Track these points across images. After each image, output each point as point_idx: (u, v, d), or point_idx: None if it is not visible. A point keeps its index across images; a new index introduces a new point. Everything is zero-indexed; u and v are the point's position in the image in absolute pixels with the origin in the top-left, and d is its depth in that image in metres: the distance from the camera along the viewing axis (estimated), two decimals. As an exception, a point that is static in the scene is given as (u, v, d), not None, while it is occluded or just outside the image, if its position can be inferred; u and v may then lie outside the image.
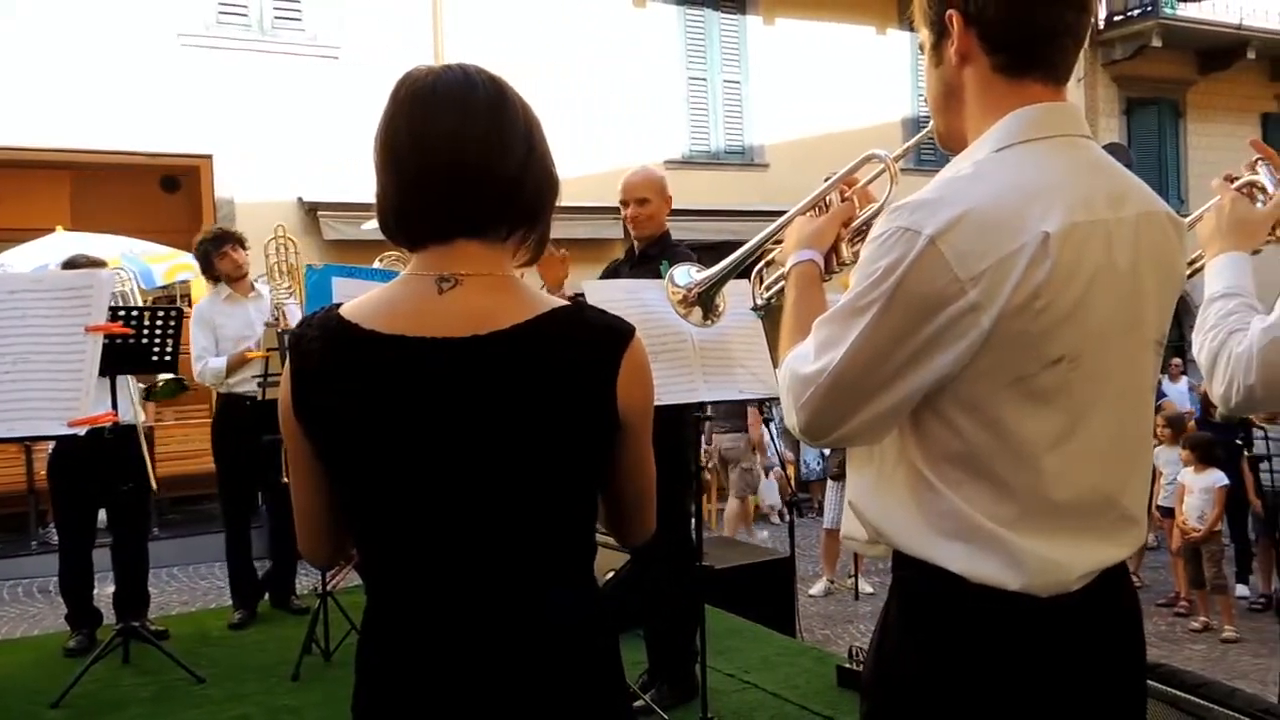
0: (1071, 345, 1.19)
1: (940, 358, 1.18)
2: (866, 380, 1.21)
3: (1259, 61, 14.20)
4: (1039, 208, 1.17)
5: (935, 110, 1.38)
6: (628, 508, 1.36)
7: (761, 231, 1.81)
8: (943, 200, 1.17)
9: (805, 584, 7.32)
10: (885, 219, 1.21)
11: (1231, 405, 1.61)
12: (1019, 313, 1.15)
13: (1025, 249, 1.14)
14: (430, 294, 1.22)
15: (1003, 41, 1.26)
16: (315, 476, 1.27)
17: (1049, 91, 1.28)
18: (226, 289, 5.10)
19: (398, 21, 9.92)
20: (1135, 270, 1.24)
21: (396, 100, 1.24)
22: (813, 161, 7.92)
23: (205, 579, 7.92)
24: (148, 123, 9.04)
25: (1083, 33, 1.28)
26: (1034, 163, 1.22)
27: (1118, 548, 1.30)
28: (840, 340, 1.22)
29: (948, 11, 1.28)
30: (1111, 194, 1.25)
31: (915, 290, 1.16)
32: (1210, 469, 6.62)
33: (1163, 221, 1.31)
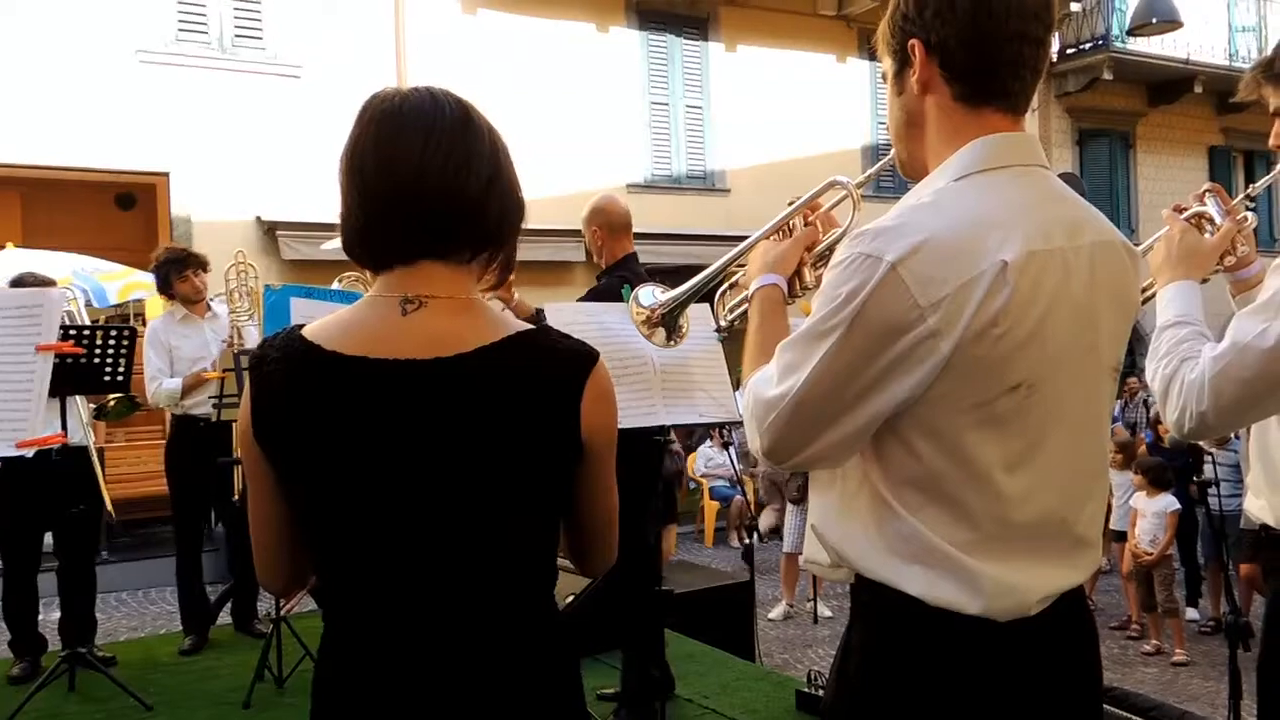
0: (1029, 372, 1.21)
1: (901, 383, 1.19)
2: (829, 404, 1.22)
3: (1206, 95, 14.59)
4: (997, 236, 1.18)
5: (896, 138, 1.40)
6: (590, 535, 1.35)
7: (724, 255, 1.82)
8: (904, 227, 1.19)
9: (764, 608, 7.32)
10: (847, 245, 1.22)
11: (1185, 431, 1.64)
12: (978, 339, 1.17)
13: (984, 276, 1.16)
14: (394, 316, 1.21)
15: (963, 72, 1.28)
16: (273, 500, 1.25)
17: (1008, 121, 1.30)
18: (182, 310, 5.02)
19: (360, 42, 9.89)
20: (1091, 298, 1.27)
21: (363, 122, 1.23)
22: (774, 187, 8.00)
23: (155, 604, 7.75)
24: (104, 139, 8.91)
25: (1041, 65, 1.31)
26: (992, 192, 1.25)
27: (1075, 571, 1.32)
28: (803, 364, 1.23)
29: (910, 41, 1.30)
30: (1068, 223, 1.27)
31: (877, 316, 1.17)
32: (1161, 493, 6.74)
33: (1118, 250, 1.34)
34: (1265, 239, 14.03)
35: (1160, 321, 1.78)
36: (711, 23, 11.96)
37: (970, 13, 1.25)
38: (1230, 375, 1.57)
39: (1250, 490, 1.85)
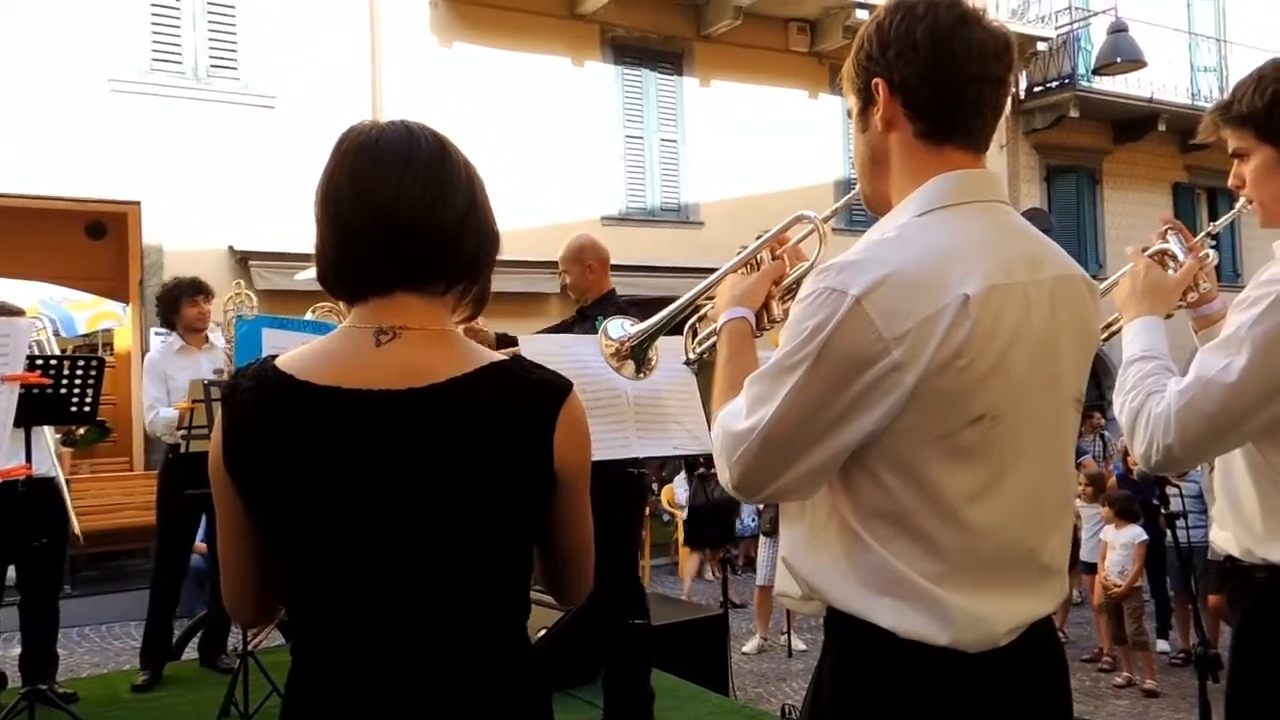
0: (992, 403, 1.23)
1: (867, 415, 1.21)
2: (797, 437, 1.23)
3: (1169, 134, 14.89)
4: (959, 270, 1.21)
5: (861, 174, 1.43)
6: (565, 565, 1.35)
7: (696, 287, 1.84)
8: (868, 262, 1.21)
9: (739, 641, 7.29)
10: (813, 279, 1.24)
11: (1152, 464, 1.67)
12: (941, 372, 1.19)
13: (946, 310, 1.18)
14: (368, 346, 1.21)
15: (925, 110, 1.31)
16: (243, 532, 1.24)
17: (969, 158, 1.33)
18: (179, 341, 5.00)
19: (336, 73, 9.91)
20: (1052, 330, 1.29)
21: (339, 153, 1.24)
22: (747, 220, 8.06)
23: (119, 639, 7.60)
24: (74, 168, 8.85)
25: (1001, 104, 1.35)
26: (954, 227, 1.27)
27: (1042, 601, 1.33)
28: (771, 398, 1.24)
29: (874, 80, 1.33)
30: (1029, 257, 1.30)
31: (842, 349, 1.19)
32: (1129, 525, 6.79)
33: (1078, 283, 1.37)
34: (1228, 275, 14.28)
35: (1126, 356, 1.81)
36: (686, 58, 12.10)
37: (932, 53, 1.28)
38: (1195, 409, 1.59)
39: (1215, 522, 1.87)
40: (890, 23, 1.32)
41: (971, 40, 1.29)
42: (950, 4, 1.30)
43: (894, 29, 1.31)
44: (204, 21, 9.57)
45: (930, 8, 1.30)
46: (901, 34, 1.30)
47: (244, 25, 9.69)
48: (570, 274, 4.00)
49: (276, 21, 9.73)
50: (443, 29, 10.62)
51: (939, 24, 1.29)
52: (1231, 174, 1.83)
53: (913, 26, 1.29)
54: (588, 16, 11.25)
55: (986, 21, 1.32)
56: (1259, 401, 1.57)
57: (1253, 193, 1.79)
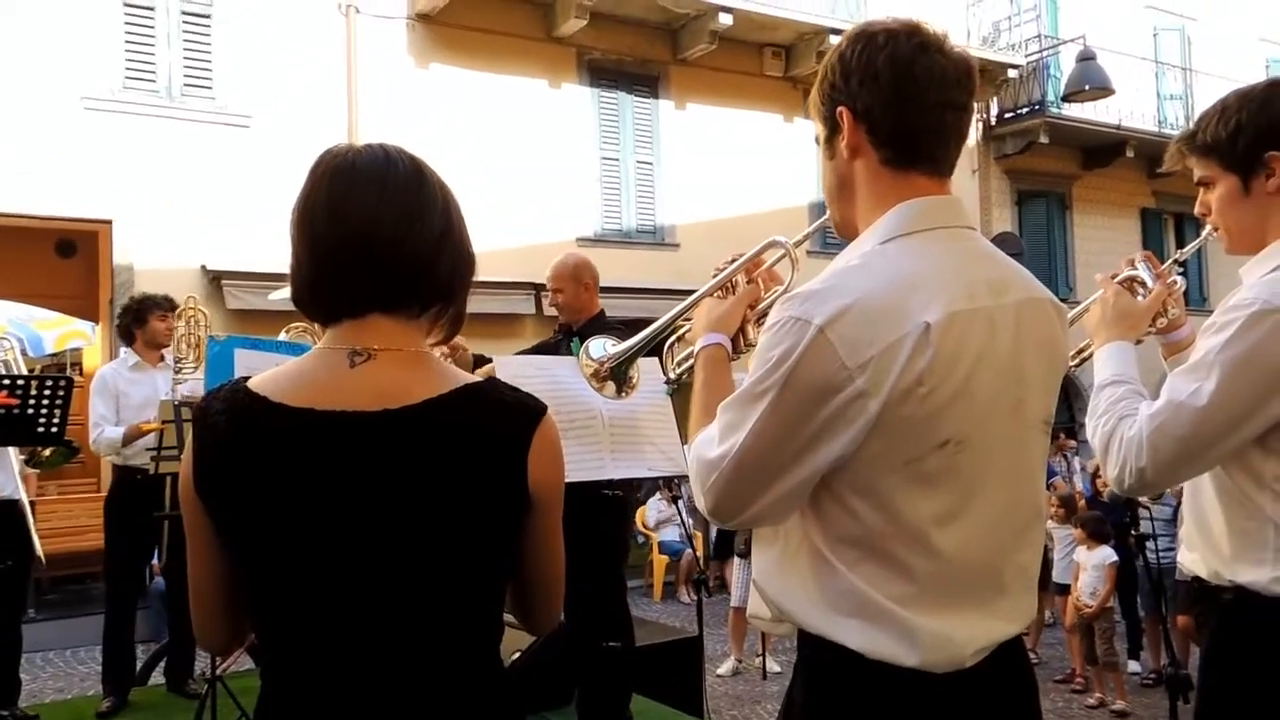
0: (957, 428, 1.24)
1: (833, 442, 1.22)
2: (768, 463, 1.25)
3: (1137, 160, 15.12)
4: (921, 298, 1.22)
5: (830, 201, 1.45)
6: (536, 590, 1.34)
7: (672, 309, 1.85)
8: (831, 291, 1.23)
9: (713, 663, 7.26)
10: (779, 308, 1.26)
11: (1125, 487, 1.69)
12: (905, 399, 1.20)
13: (908, 338, 1.20)
14: (342, 368, 1.21)
15: (888, 138, 1.33)
16: (213, 555, 1.23)
17: (933, 184, 1.35)
18: (134, 357, 4.94)
19: (312, 93, 9.89)
20: (1017, 354, 1.31)
21: (315, 175, 1.24)
22: (722, 242, 8.08)
23: (84, 664, 7.46)
24: (44, 186, 8.76)
25: (964, 129, 1.36)
26: (917, 254, 1.29)
27: (1010, 623, 1.34)
28: (741, 425, 1.26)
29: (838, 108, 1.35)
30: (993, 282, 1.31)
31: (807, 377, 1.21)
32: (1101, 546, 6.84)
33: (1045, 306, 1.38)
34: (1195, 300, 14.49)
35: (1098, 381, 1.84)
36: (662, 81, 12.17)
37: (893, 82, 1.30)
38: (1166, 433, 1.62)
39: (1184, 544, 1.89)
40: (852, 52, 1.34)
41: (932, 67, 1.30)
42: (910, 32, 1.32)
43: (855, 58, 1.33)
44: (179, 40, 9.53)
45: (890, 36, 1.32)
46: (863, 63, 1.32)
47: (219, 44, 9.66)
48: (564, 292, 3.95)
49: (252, 40, 9.70)
50: (420, 50, 10.63)
51: (899, 52, 1.30)
52: (1198, 201, 1.86)
53: (874, 55, 1.31)
54: (565, 39, 11.30)
55: (947, 48, 1.33)
56: (1229, 425, 1.60)
57: (1218, 220, 1.83)
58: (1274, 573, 1.64)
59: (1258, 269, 1.74)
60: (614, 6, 11.17)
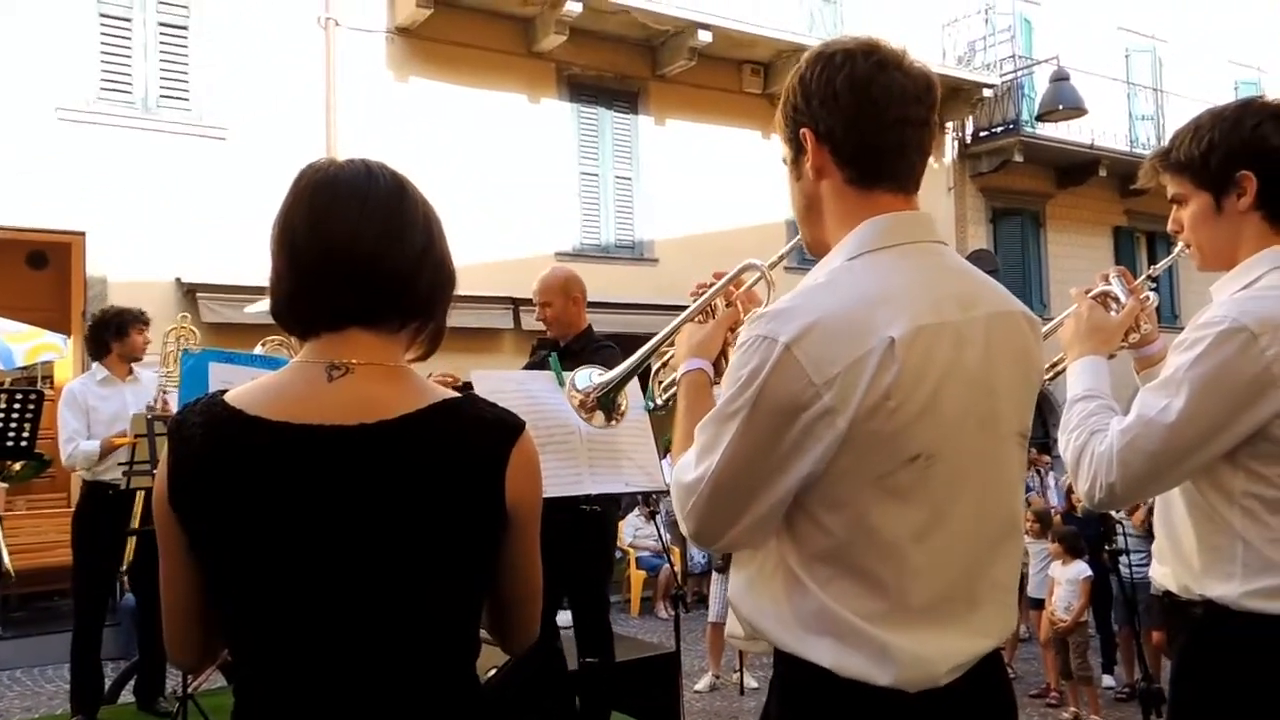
0: (927, 443, 1.24)
1: (804, 460, 1.22)
2: (743, 483, 1.25)
3: (1110, 179, 15.31)
4: (886, 313, 1.23)
5: (800, 221, 1.46)
6: (513, 608, 1.33)
7: (651, 324, 1.86)
8: (797, 309, 1.24)
9: (691, 679, 7.23)
10: (747, 327, 1.27)
11: (1096, 501, 1.70)
12: (872, 414, 1.20)
13: (873, 353, 1.20)
14: (320, 381, 1.20)
15: (851, 157, 1.34)
16: (187, 570, 1.21)
17: (899, 201, 1.36)
18: (104, 371, 4.89)
19: (290, 105, 9.85)
20: (988, 368, 1.31)
21: (297, 189, 1.24)
22: (701, 257, 8.11)
23: (52, 682, 7.34)
24: (16, 196, 8.66)
25: (927, 145, 1.37)
26: (883, 270, 1.29)
27: (986, 639, 1.34)
28: (715, 447, 1.26)
29: (801, 130, 1.36)
30: (962, 296, 1.31)
31: (776, 395, 1.21)
32: (1075, 561, 6.88)
33: (1016, 319, 1.38)
34: (1167, 316, 14.64)
35: (1070, 395, 1.85)
36: (641, 97, 12.22)
37: (852, 101, 1.31)
38: (1137, 448, 1.63)
39: (1155, 558, 1.91)
40: (811, 74, 1.35)
41: (891, 85, 1.31)
42: (867, 51, 1.33)
43: (815, 79, 1.34)
44: (155, 50, 9.47)
45: (848, 56, 1.33)
46: (822, 84, 1.33)
47: (196, 55, 9.61)
48: (553, 306, 3.94)
49: (230, 52, 9.66)
50: (399, 64, 10.63)
51: (857, 72, 1.31)
52: (1170, 219, 1.89)
53: (832, 76, 1.32)
54: (544, 54, 11.33)
55: (906, 65, 1.34)
56: (1197, 441, 1.61)
57: (1190, 237, 1.85)
58: (1243, 587, 1.66)
59: (1228, 286, 1.77)
60: (594, 22, 11.21)
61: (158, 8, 9.48)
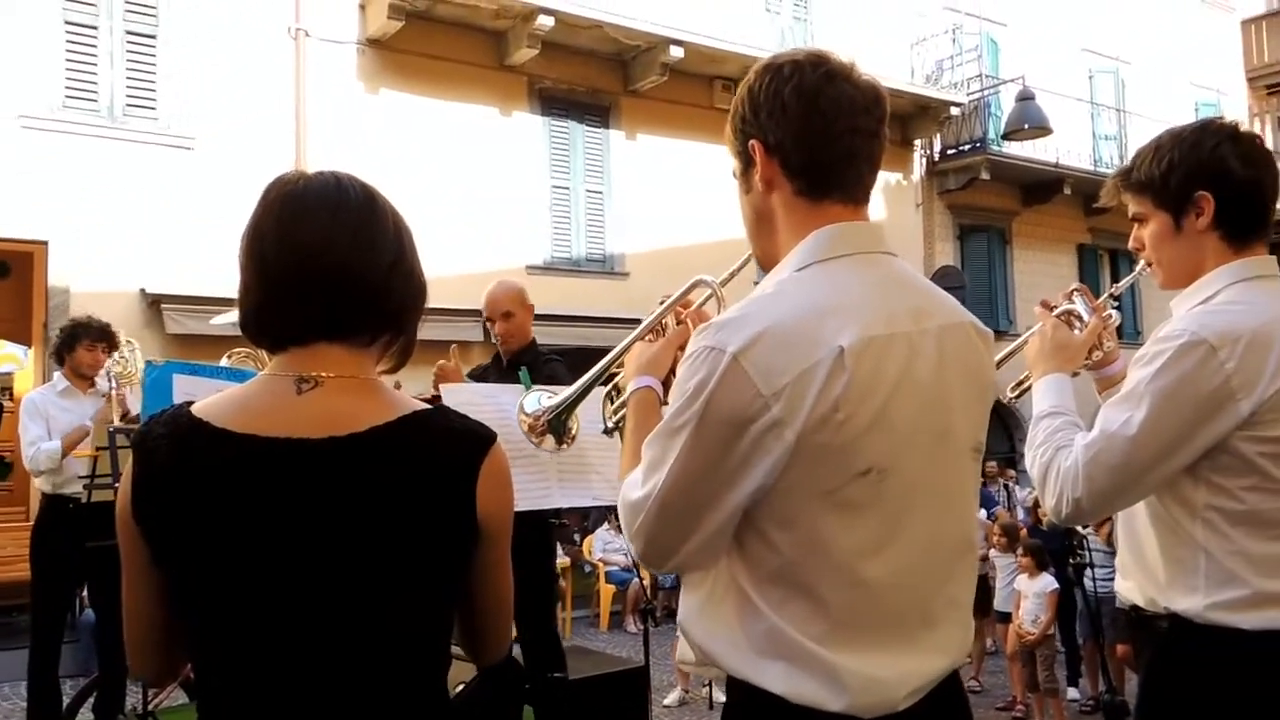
0: (878, 456, 1.22)
1: (754, 472, 1.20)
2: (693, 499, 1.22)
3: (1074, 197, 15.53)
4: (835, 323, 1.21)
5: (750, 235, 1.44)
6: (483, 621, 1.32)
7: (622, 339, 1.85)
8: (745, 319, 1.22)
9: (660, 694, 7.21)
10: (695, 338, 1.25)
11: (1062, 517, 1.71)
12: (821, 426, 1.18)
13: (822, 364, 1.18)
14: (288, 394, 1.19)
15: (800, 168, 1.33)
16: (150, 584, 1.20)
17: (848, 211, 1.34)
18: (65, 381, 4.82)
19: (258, 116, 9.77)
20: (940, 380, 1.29)
21: (266, 201, 1.23)
22: (671, 271, 8.14)
23: (9, 699, 7.19)
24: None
25: (876, 155, 1.36)
26: (831, 280, 1.28)
27: (942, 657, 1.31)
28: (663, 461, 1.23)
29: (750, 142, 1.35)
30: (912, 307, 1.30)
31: (723, 407, 1.19)
32: (1042, 574, 6.94)
33: (968, 331, 1.37)
34: (1129, 333, 14.85)
35: (1035, 412, 1.87)
36: (613, 111, 12.26)
37: (800, 113, 1.30)
38: (1100, 463, 1.65)
39: (1120, 572, 1.93)
40: (759, 85, 1.35)
41: (839, 96, 1.31)
42: (815, 62, 1.32)
43: (763, 91, 1.34)
44: (122, 59, 9.38)
45: (796, 67, 1.32)
46: (770, 95, 1.33)
47: (164, 64, 9.52)
48: (518, 316, 3.93)
49: (198, 62, 9.58)
50: (370, 75, 10.59)
51: (804, 83, 1.31)
52: (1131, 237, 1.92)
53: (780, 87, 1.32)
54: (516, 68, 11.34)
55: (854, 77, 1.33)
56: (1160, 454, 1.64)
57: (1151, 255, 1.88)
58: (1206, 600, 1.67)
59: (1187, 302, 1.80)
60: (566, 37, 11.24)
61: (125, 16, 9.39)
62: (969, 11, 14.99)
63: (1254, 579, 1.64)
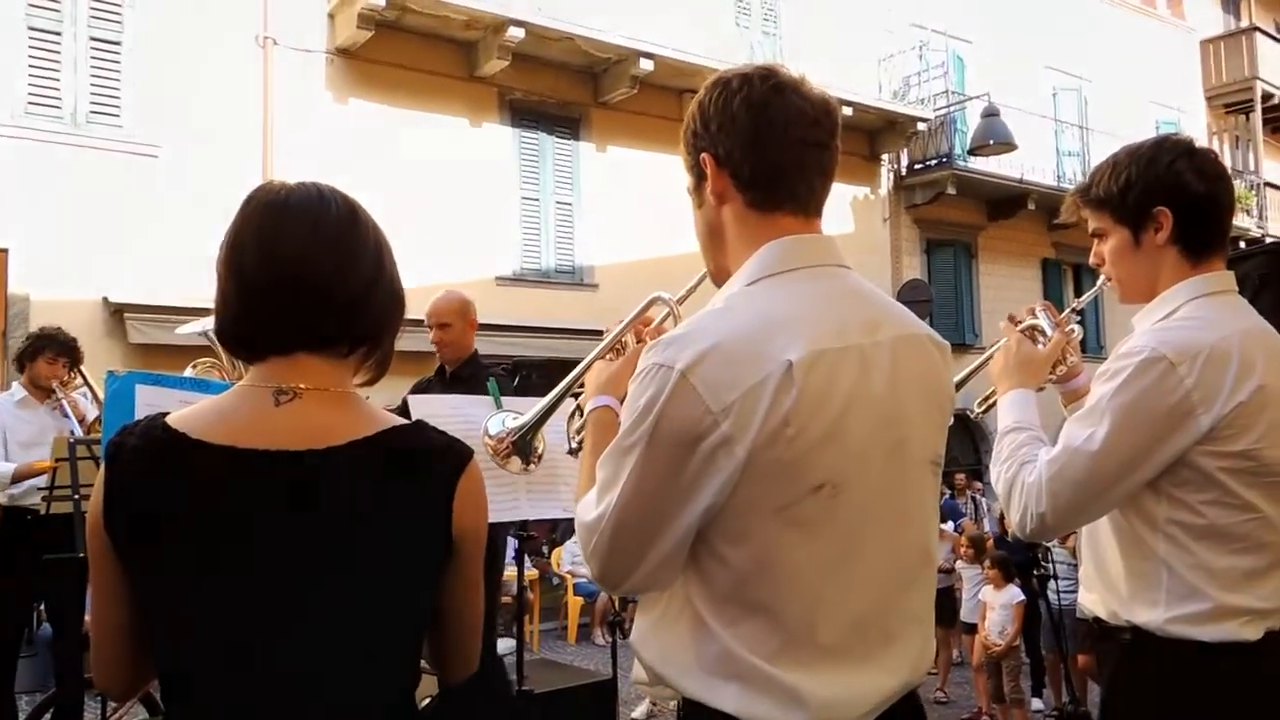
0: (831, 471, 1.20)
1: (705, 490, 1.18)
2: (647, 518, 1.20)
3: (1038, 212, 15.74)
4: (784, 338, 1.19)
5: (703, 250, 1.43)
6: (454, 637, 1.31)
7: (591, 351, 1.84)
8: (694, 335, 1.20)
9: (628, 706, 7.18)
10: (644, 355, 1.23)
11: (1027, 531, 1.72)
12: (772, 441, 1.17)
13: (771, 378, 1.17)
14: (266, 406, 1.18)
15: (751, 180, 1.32)
16: (120, 596, 1.18)
17: (800, 223, 1.33)
18: (22, 391, 4.74)
19: (225, 125, 9.68)
20: (895, 393, 1.27)
21: (246, 210, 1.22)
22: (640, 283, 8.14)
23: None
24: (-65, 211, 8.38)
25: (829, 167, 1.35)
26: (782, 294, 1.27)
27: (902, 675, 1.29)
28: (615, 481, 1.22)
29: (702, 155, 1.35)
30: (866, 320, 1.29)
31: (673, 424, 1.17)
32: (1008, 586, 7.00)
33: (924, 343, 1.36)
34: (1092, 347, 15.04)
35: (1000, 428, 1.89)
36: (583, 123, 12.27)
37: (750, 124, 1.30)
38: (1064, 478, 1.67)
39: (1083, 585, 1.94)
40: (709, 99, 1.35)
41: (788, 108, 1.30)
42: (764, 75, 1.33)
43: (713, 104, 1.34)
44: (86, 65, 9.26)
45: (745, 80, 1.32)
46: (720, 108, 1.33)
47: (129, 70, 9.41)
48: (453, 328, 3.93)
49: (164, 69, 9.48)
50: (338, 85, 10.53)
51: (754, 95, 1.31)
52: (1092, 252, 1.94)
53: (730, 100, 1.32)
54: (486, 79, 11.32)
55: (805, 90, 1.33)
56: (1122, 469, 1.65)
57: (1111, 271, 1.90)
58: (1167, 613, 1.69)
59: (1148, 318, 1.82)
60: (536, 48, 11.24)
61: (90, 22, 9.28)
62: (935, 28, 15.19)
63: (1215, 592, 1.66)
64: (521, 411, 1.98)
